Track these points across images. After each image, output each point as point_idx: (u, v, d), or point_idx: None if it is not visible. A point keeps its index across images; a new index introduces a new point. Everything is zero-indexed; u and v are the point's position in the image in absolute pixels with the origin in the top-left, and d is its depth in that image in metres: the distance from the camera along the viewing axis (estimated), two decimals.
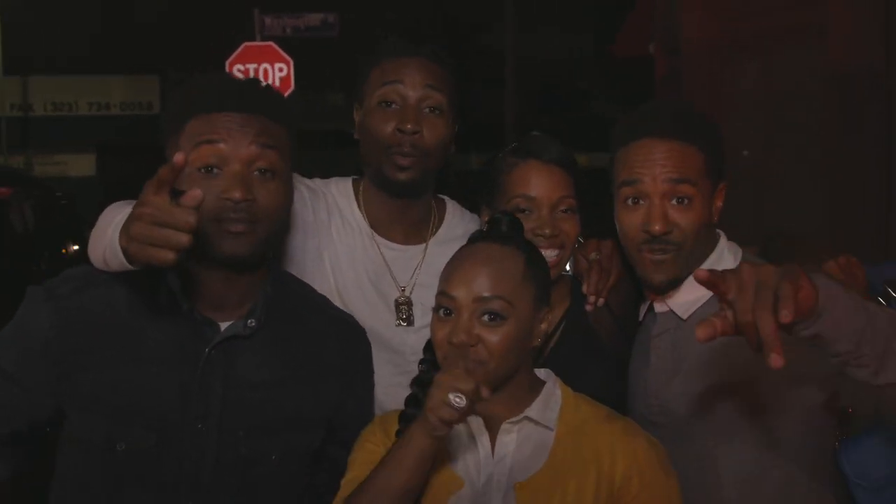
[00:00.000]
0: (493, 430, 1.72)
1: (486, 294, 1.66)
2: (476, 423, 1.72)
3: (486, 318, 1.66)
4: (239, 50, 10.70)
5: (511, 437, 1.70)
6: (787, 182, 6.24)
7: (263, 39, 11.32)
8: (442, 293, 1.71)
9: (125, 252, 1.57)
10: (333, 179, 2.25)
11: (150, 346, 1.70)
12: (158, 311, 1.72)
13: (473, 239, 1.78)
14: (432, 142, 2.06)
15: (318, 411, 1.83)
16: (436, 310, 1.72)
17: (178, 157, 1.50)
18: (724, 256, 1.91)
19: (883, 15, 6.09)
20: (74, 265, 1.85)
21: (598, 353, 2.08)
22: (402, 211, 2.17)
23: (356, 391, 1.90)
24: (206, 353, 1.72)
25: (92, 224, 1.83)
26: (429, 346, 1.81)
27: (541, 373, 1.80)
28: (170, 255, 1.49)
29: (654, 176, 1.85)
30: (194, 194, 1.49)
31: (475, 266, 1.70)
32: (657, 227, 1.84)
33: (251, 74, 10.50)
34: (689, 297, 1.90)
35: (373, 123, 2.07)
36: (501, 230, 1.77)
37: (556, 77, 21.28)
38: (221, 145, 1.67)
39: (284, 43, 11.07)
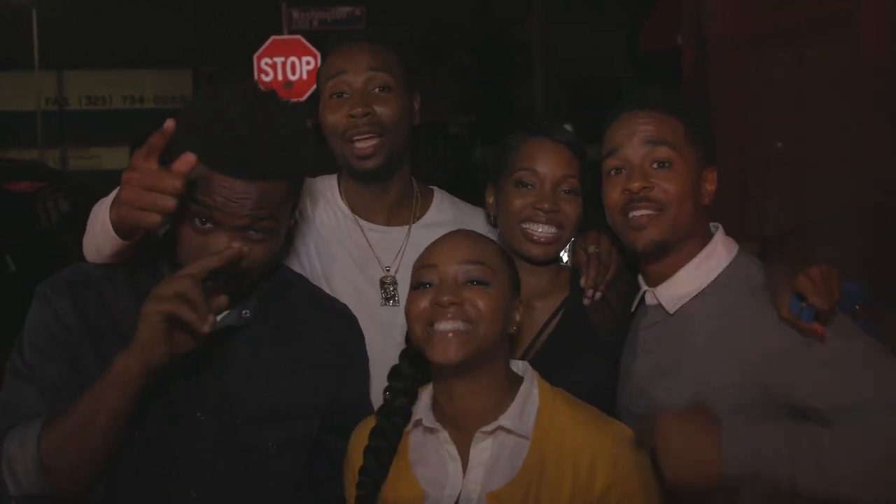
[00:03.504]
0: (466, 436, 1.68)
1: (470, 259, 1.67)
2: (441, 436, 1.70)
3: (471, 283, 1.66)
4: (267, 44, 10.75)
5: (486, 445, 1.67)
6: (821, 172, 6.18)
7: (291, 33, 11.36)
8: (423, 266, 1.70)
9: (115, 225, 1.65)
10: (319, 177, 2.29)
11: None
12: None
13: None
14: (387, 119, 2.09)
15: (314, 399, 1.84)
16: (414, 287, 1.71)
17: (169, 124, 1.56)
18: (718, 251, 1.90)
19: None
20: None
21: (593, 344, 2.07)
22: (379, 193, 2.19)
23: (350, 379, 1.92)
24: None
25: None
26: (394, 373, 1.80)
27: (518, 366, 1.77)
28: (156, 218, 1.56)
29: (633, 142, 1.88)
30: (186, 159, 1.54)
31: (455, 238, 1.73)
32: (636, 184, 1.85)
33: (279, 68, 10.56)
34: (679, 291, 1.89)
35: (327, 116, 2.12)
36: None
37: (586, 69, 21.18)
38: (216, 213, 1.64)
39: (312, 36, 11.11)
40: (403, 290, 2.05)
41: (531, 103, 16.05)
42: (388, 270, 2.17)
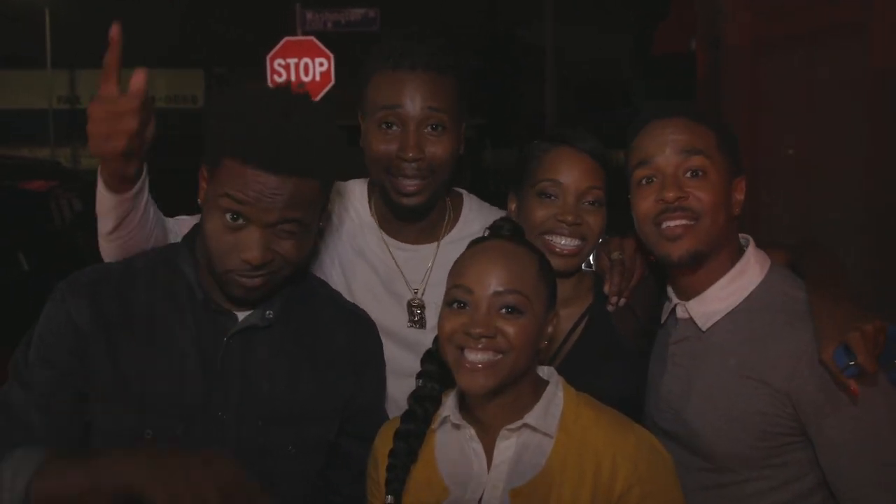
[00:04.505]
0: (492, 434, 1.69)
1: (506, 287, 1.64)
2: (468, 432, 1.70)
3: (504, 311, 1.64)
4: (280, 44, 10.73)
5: (510, 443, 1.68)
6: (831, 177, 6.17)
7: (304, 34, 11.36)
8: (457, 286, 1.67)
9: (105, 180, 1.70)
10: (350, 181, 2.22)
11: (173, 338, 1.72)
12: (178, 302, 1.74)
13: (480, 239, 1.76)
14: (437, 160, 1.99)
15: (332, 402, 1.83)
16: (448, 303, 1.68)
17: (114, 31, 1.61)
18: (751, 265, 1.85)
19: None
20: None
21: (618, 350, 2.03)
22: (412, 219, 2.12)
23: (366, 383, 1.90)
24: (224, 342, 1.73)
25: None
26: (428, 357, 1.79)
27: (543, 371, 1.76)
28: (121, 142, 1.59)
29: (665, 151, 1.83)
30: (138, 79, 1.59)
31: (493, 260, 1.68)
32: (671, 194, 1.79)
33: (292, 69, 10.55)
34: (712, 307, 1.84)
35: (373, 145, 2.01)
36: (503, 234, 1.75)
37: (599, 73, 21.15)
38: (248, 207, 1.64)
39: (325, 38, 11.09)
40: (430, 313, 2.05)
41: (540, 106, 16.02)
42: (415, 292, 2.10)
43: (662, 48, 10.09)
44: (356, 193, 2.18)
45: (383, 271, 2.11)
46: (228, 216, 1.64)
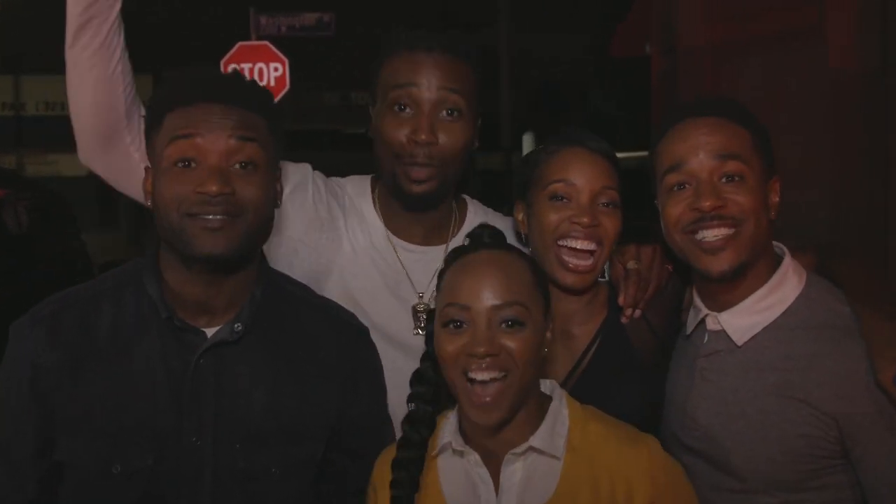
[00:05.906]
0: (496, 458, 1.62)
1: (503, 300, 1.57)
2: (472, 458, 1.63)
3: (504, 325, 1.57)
4: (234, 49, 10.62)
5: (517, 468, 1.61)
6: (788, 181, 6.25)
7: (259, 39, 11.24)
8: (452, 304, 1.60)
9: None
10: (350, 178, 2.14)
11: (138, 361, 1.64)
12: (143, 325, 1.67)
13: (463, 250, 1.69)
14: (450, 149, 1.92)
15: (318, 419, 1.74)
16: (443, 324, 1.61)
17: None
18: (789, 277, 1.77)
19: (879, 16, 6.08)
20: (71, 265, 1.82)
21: (634, 365, 1.96)
22: (419, 217, 2.05)
23: (359, 396, 1.80)
24: (193, 362, 1.65)
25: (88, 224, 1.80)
26: (417, 378, 1.72)
27: (545, 385, 1.71)
28: None
29: (699, 155, 1.72)
30: None
31: (485, 273, 1.60)
32: (707, 203, 1.69)
33: (246, 74, 10.45)
34: (748, 320, 1.76)
35: (384, 128, 1.94)
36: (484, 241, 1.68)
37: (554, 76, 21.15)
38: (198, 140, 1.60)
39: (280, 42, 10.99)
40: None
41: (497, 108, 16.01)
42: (420, 297, 2.02)
43: (619, 51, 10.15)
44: (357, 191, 2.09)
45: (388, 273, 2.02)
46: (180, 164, 1.59)
